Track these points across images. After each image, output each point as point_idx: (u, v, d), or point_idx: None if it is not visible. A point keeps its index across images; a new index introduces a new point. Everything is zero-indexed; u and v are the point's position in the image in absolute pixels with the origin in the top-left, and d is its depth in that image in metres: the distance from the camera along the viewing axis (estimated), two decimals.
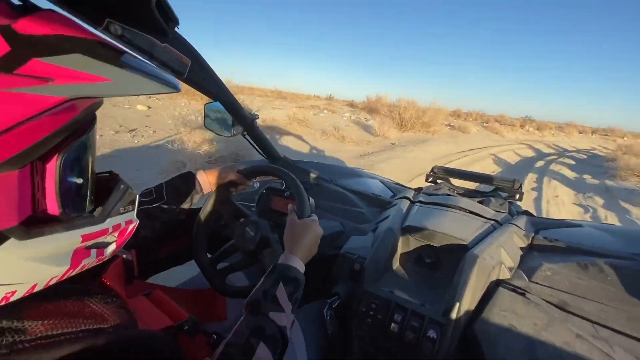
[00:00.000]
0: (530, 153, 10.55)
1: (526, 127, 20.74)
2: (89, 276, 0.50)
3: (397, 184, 1.66)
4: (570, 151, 12.73)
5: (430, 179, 1.53)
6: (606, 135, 27.15)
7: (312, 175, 1.36)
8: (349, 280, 0.85)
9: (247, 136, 1.18)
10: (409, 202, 1.18)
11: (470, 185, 1.56)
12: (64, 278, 0.38)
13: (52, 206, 0.35)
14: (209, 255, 0.88)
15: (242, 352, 0.49)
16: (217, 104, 1.10)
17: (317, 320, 0.86)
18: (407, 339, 0.68)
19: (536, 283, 0.80)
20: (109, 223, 0.42)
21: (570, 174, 7.09)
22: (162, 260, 1.03)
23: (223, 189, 0.88)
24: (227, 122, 1.17)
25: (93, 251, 0.41)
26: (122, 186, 0.46)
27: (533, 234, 1.00)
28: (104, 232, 0.41)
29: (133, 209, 0.48)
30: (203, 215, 0.87)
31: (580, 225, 1.11)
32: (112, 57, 0.35)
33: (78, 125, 0.36)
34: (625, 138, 24.04)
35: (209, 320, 0.84)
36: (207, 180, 0.85)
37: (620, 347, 0.61)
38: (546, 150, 12.18)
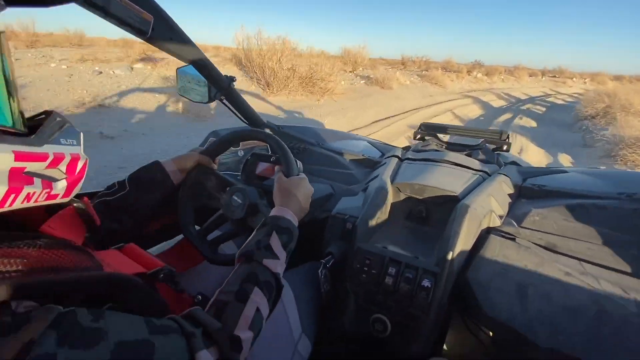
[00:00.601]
0: (475, 112, 8.05)
1: (474, 73, 17.83)
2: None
3: (385, 144, 1.64)
4: (524, 101, 11.09)
5: (418, 136, 1.51)
6: (555, 77, 26.12)
7: (298, 139, 1.32)
8: (341, 240, 0.84)
9: (225, 101, 1.11)
10: (397, 160, 1.16)
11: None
12: (7, 205, 0.35)
13: None
14: (198, 228, 0.85)
15: (236, 297, 0.48)
16: (190, 67, 1.02)
17: (309, 282, 0.86)
18: (402, 290, 0.69)
19: (525, 228, 0.81)
20: (48, 149, 0.39)
21: (536, 152, 4.78)
22: (149, 236, 1.00)
23: (195, 173, 0.83)
24: (202, 86, 1.09)
25: (37, 180, 0.38)
26: (58, 118, 0.43)
27: (521, 182, 1.01)
28: (42, 157, 0.38)
29: (78, 144, 0.44)
30: (185, 190, 0.83)
31: (566, 172, 1.13)
32: None
33: None
34: (574, 79, 24.27)
35: (188, 266, 0.84)
36: (174, 168, 0.80)
37: (607, 281, 0.63)
38: (497, 103, 9.89)
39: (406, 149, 1.38)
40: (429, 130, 1.50)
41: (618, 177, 0.99)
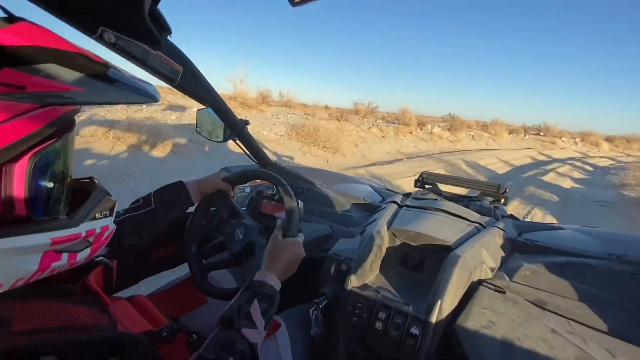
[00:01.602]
0: None
1: (428, 126, 11.88)
2: (72, 280, 0.52)
3: (387, 189, 1.69)
4: (504, 178, 6.64)
5: (419, 184, 1.57)
6: (540, 134, 20.62)
7: (303, 179, 1.39)
8: (335, 281, 0.87)
9: (238, 141, 1.20)
10: (396, 206, 1.21)
11: (458, 190, 1.59)
12: (33, 280, 0.39)
13: (20, 208, 0.36)
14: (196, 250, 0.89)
15: None
16: (209, 110, 1.13)
17: (303, 322, 0.87)
18: (391, 336, 0.70)
19: (516, 282, 0.82)
20: (82, 228, 0.43)
21: None
22: (152, 263, 1.04)
23: (210, 197, 0.90)
24: (219, 127, 1.20)
25: (64, 255, 0.41)
26: (99, 192, 0.47)
27: (515, 236, 1.04)
28: (76, 237, 0.42)
29: (110, 215, 0.49)
30: (200, 209, 0.89)
31: (561, 228, 1.15)
32: (87, 67, 0.37)
33: (52, 131, 0.37)
34: (563, 139, 19.62)
35: (192, 308, 0.85)
36: (196, 189, 0.86)
37: (594, 342, 0.63)
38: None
39: (407, 195, 1.43)
40: (429, 179, 1.56)
41: (610, 238, 1.01)
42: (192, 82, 0.95)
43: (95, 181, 0.50)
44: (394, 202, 1.25)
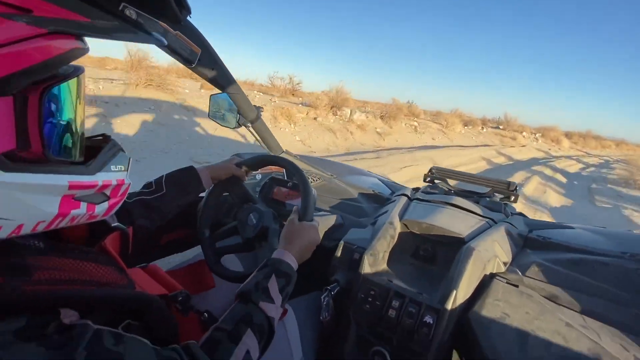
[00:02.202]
0: None
1: (346, 111, 8.47)
2: (90, 244, 0.53)
3: (395, 182, 1.69)
4: None
5: (428, 179, 1.57)
6: (499, 127, 17.94)
7: (313, 169, 1.39)
8: (348, 269, 0.87)
9: (251, 128, 1.20)
10: (407, 199, 1.21)
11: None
12: (53, 226, 0.39)
13: (36, 143, 0.35)
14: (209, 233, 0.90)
15: (228, 337, 0.50)
16: (224, 95, 1.12)
17: (313, 309, 0.88)
18: (404, 324, 0.70)
19: (529, 277, 0.82)
20: (99, 177, 0.43)
21: None
22: (162, 246, 1.05)
23: (223, 183, 0.90)
24: (233, 113, 1.19)
25: (83, 204, 0.41)
26: (113, 145, 0.48)
27: (527, 233, 1.04)
28: (93, 185, 0.42)
29: (126, 170, 0.49)
30: (213, 193, 0.89)
31: (572, 227, 1.15)
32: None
33: (63, 65, 0.37)
34: (524, 134, 17.42)
35: (200, 290, 0.86)
36: (208, 175, 0.86)
37: (607, 336, 0.64)
38: None
39: (416, 189, 1.42)
40: (439, 173, 1.55)
41: (622, 237, 1.00)
42: (209, 66, 0.94)
43: (109, 137, 0.50)
44: (404, 194, 1.25)
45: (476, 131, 15.08)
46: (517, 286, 0.76)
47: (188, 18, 0.84)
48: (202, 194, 0.91)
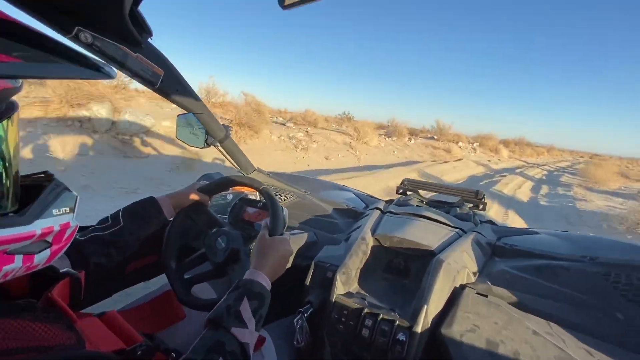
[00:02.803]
0: None
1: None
2: (34, 294, 0.47)
3: (370, 196, 1.71)
4: None
5: (401, 191, 1.59)
6: (433, 138, 16.06)
7: (287, 186, 1.38)
8: (321, 289, 0.85)
9: (220, 148, 1.18)
10: (380, 212, 1.22)
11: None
12: None
13: None
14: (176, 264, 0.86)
15: None
16: (190, 115, 1.10)
17: (290, 335, 0.85)
18: (378, 343, 0.70)
19: (497, 286, 0.84)
20: (37, 226, 0.38)
21: None
22: (128, 275, 0.99)
23: (186, 210, 0.87)
24: (200, 133, 1.17)
25: (18, 257, 0.37)
26: (56, 186, 0.43)
27: (495, 241, 1.07)
28: (29, 236, 0.37)
29: (71, 212, 0.44)
30: (175, 225, 0.86)
31: (537, 233, 1.19)
32: (25, 38, 0.33)
33: None
34: (460, 144, 15.39)
35: (169, 323, 0.81)
36: (169, 204, 0.83)
37: (572, 341, 0.66)
38: None
39: (389, 202, 1.44)
40: (411, 185, 1.58)
41: (583, 241, 1.05)
42: (173, 86, 0.92)
43: (51, 175, 0.45)
44: (377, 208, 1.26)
45: (402, 143, 12.23)
46: (486, 296, 0.78)
47: (149, 40, 0.82)
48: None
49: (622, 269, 0.80)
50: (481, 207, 1.40)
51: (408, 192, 1.57)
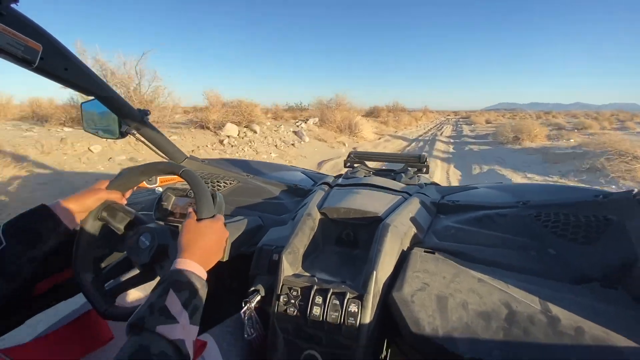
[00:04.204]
0: None
1: None
2: None
3: (319, 172, 1.66)
4: None
5: (348, 164, 1.57)
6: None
7: (228, 172, 1.27)
8: (268, 274, 0.79)
9: (138, 135, 1.03)
10: (328, 187, 1.17)
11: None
12: None
13: None
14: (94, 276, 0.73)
15: None
16: (96, 101, 0.94)
17: (239, 330, 0.78)
18: (330, 319, 0.66)
19: (444, 241, 0.85)
20: None
21: None
22: (37, 299, 0.83)
23: (95, 213, 0.73)
24: (112, 121, 1.01)
25: None
26: None
27: (439, 200, 1.08)
28: None
29: None
30: (85, 229, 0.72)
31: (476, 187, 1.25)
32: None
33: None
34: (265, 125, 8.63)
35: (95, 347, 0.70)
36: (70, 210, 0.68)
37: (513, 283, 0.67)
38: None
39: (338, 177, 1.41)
40: (357, 157, 1.57)
41: (516, 189, 1.12)
42: (60, 65, 0.76)
43: None
44: (325, 183, 1.22)
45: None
46: (433, 253, 0.78)
47: (14, 6, 0.66)
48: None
49: (550, 209, 0.85)
50: (425, 170, 1.43)
51: (355, 165, 1.56)
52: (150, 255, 0.69)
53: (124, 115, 0.97)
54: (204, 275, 0.59)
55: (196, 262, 0.58)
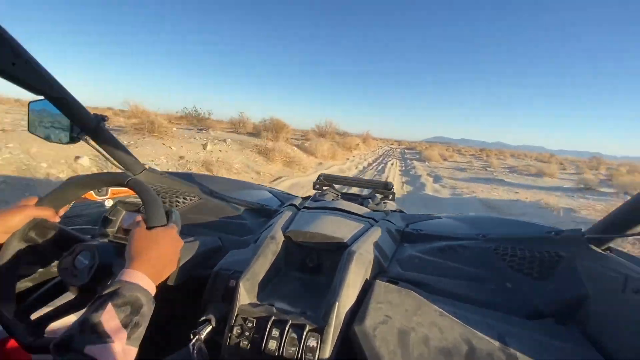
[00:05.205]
0: None
1: None
2: None
3: (287, 193, 1.63)
4: None
5: (317, 186, 1.56)
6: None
7: (190, 187, 1.20)
8: (222, 302, 0.73)
9: (91, 142, 0.95)
10: (295, 209, 1.14)
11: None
12: None
13: None
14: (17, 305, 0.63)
15: None
16: (46, 102, 0.86)
17: None
18: (287, 354, 0.61)
19: (407, 271, 0.84)
20: None
21: None
22: None
23: (22, 233, 0.64)
24: (62, 125, 0.92)
25: None
26: None
27: (404, 228, 1.09)
28: None
29: None
30: (7, 252, 0.62)
31: (439, 217, 1.28)
32: None
33: None
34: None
35: None
36: None
37: (474, 317, 0.67)
38: None
39: (306, 198, 1.39)
40: (326, 180, 1.56)
41: (476, 221, 1.15)
42: (6, 59, 0.68)
43: None
44: (292, 205, 1.18)
45: None
46: (397, 283, 0.76)
47: None
48: None
49: (508, 243, 0.88)
50: (391, 197, 1.45)
51: (324, 188, 1.55)
52: (89, 276, 0.61)
53: (76, 120, 0.89)
54: (153, 290, 0.53)
55: (145, 274, 0.52)
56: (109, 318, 0.43)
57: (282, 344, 0.62)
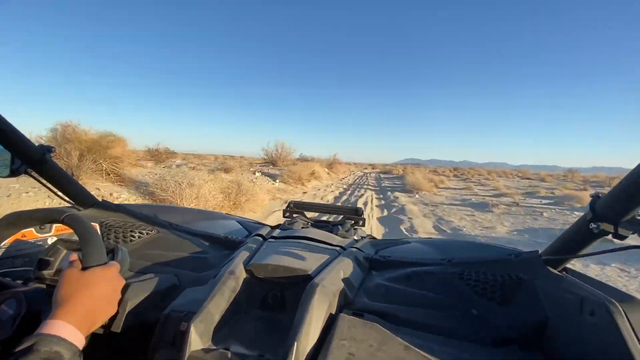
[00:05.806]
0: None
1: None
2: None
3: (257, 222, 1.58)
4: None
5: (287, 214, 1.52)
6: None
7: (147, 220, 1.13)
8: (172, 348, 0.66)
9: (35, 175, 0.88)
10: (261, 239, 1.10)
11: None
12: None
13: None
14: None
15: None
16: None
17: None
18: None
19: (374, 301, 0.82)
20: None
21: None
22: None
23: None
24: (1, 157, 0.85)
25: None
26: None
27: (372, 255, 1.07)
28: None
29: None
30: None
31: (408, 242, 1.27)
32: None
33: None
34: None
35: None
36: None
37: (440, 349, 0.65)
38: None
39: (275, 227, 1.35)
40: (296, 207, 1.53)
41: (441, 245, 1.16)
42: None
43: None
44: (259, 235, 1.14)
45: None
46: (362, 315, 0.73)
47: None
48: None
49: (472, 266, 0.88)
50: (361, 223, 1.44)
51: (294, 215, 1.52)
52: (13, 328, 0.54)
53: (18, 152, 0.83)
54: (80, 341, 0.46)
55: (71, 323, 0.46)
56: None
57: None
